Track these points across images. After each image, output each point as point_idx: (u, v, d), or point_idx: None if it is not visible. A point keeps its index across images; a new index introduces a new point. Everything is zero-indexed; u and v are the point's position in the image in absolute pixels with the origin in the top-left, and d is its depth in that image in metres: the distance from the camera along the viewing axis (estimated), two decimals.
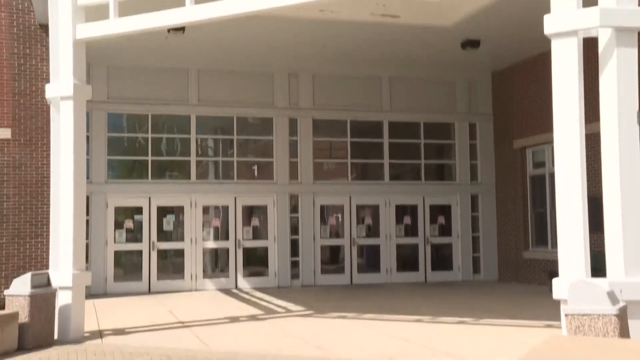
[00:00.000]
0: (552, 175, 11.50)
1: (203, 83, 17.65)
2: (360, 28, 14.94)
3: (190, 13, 10.00)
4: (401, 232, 18.78)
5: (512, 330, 10.33)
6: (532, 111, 17.35)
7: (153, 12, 10.15)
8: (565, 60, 7.77)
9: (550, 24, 7.88)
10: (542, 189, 17.45)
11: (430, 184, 19.09)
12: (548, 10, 7.93)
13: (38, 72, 15.00)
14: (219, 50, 16.71)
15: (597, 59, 7.85)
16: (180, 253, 17.33)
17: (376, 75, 18.59)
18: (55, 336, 9.83)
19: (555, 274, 7.85)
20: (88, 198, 14.83)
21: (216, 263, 17.86)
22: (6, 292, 9.56)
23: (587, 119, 7.85)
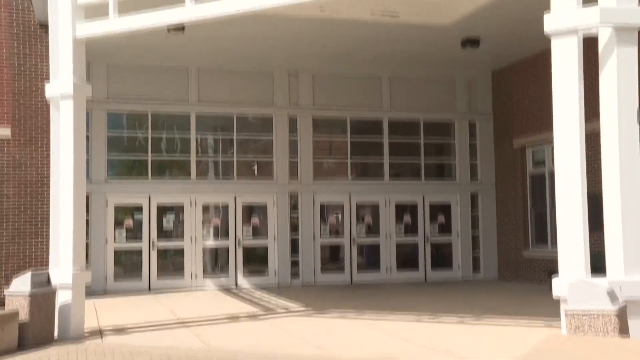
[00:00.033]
0: (552, 174, 11.48)
1: (203, 82, 17.64)
2: (360, 27, 14.92)
3: (190, 12, 10.01)
4: (401, 231, 18.78)
5: (512, 329, 10.32)
6: (532, 110, 17.33)
7: (153, 11, 10.16)
8: (565, 59, 7.78)
9: (550, 23, 7.89)
10: (542, 188, 17.43)
11: (430, 183, 19.09)
12: (548, 8, 7.94)
13: (38, 72, 14.98)
14: (219, 49, 16.69)
15: (597, 58, 7.86)
16: (180, 252, 17.34)
17: (376, 74, 18.58)
18: (55, 335, 9.84)
19: (555, 273, 7.85)
20: (88, 197, 14.84)
21: (216, 262, 17.85)
22: (6, 291, 9.57)
23: (587, 118, 7.86)
